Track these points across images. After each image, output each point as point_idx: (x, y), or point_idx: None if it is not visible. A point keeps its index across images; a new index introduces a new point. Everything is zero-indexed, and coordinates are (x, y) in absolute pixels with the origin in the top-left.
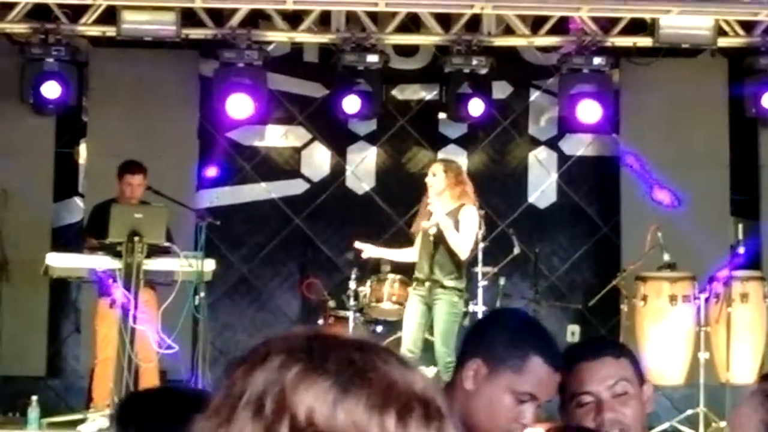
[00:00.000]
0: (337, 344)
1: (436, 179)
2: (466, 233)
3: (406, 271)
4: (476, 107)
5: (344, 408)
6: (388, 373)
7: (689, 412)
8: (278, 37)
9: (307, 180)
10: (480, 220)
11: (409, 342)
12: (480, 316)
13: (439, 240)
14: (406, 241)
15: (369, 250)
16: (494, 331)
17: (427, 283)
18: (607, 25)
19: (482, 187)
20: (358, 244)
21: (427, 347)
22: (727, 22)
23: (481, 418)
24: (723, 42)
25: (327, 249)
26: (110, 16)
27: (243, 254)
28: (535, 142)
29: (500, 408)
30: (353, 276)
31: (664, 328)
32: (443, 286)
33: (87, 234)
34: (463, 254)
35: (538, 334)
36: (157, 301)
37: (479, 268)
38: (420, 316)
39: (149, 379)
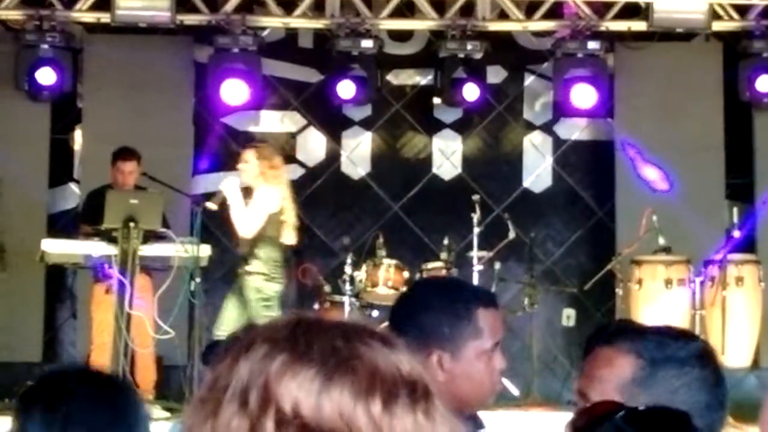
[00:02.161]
0: (321, 331)
1: (248, 166)
2: (250, 209)
3: (402, 256)
4: (471, 92)
5: (329, 397)
6: (372, 358)
7: None
8: (273, 22)
9: (303, 165)
10: (277, 197)
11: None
12: None
13: None
14: (403, 226)
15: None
16: (429, 316)
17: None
18: (601, 9)
19: (477, 172)
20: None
21: None
22: (722, 6)
23: (466, 394)
24: (717, 26)
25: (322, 234)
26: (105, 2)
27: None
28: (530, 127)
29: (480, 375)
30: (349, 261)
31: (659, 311)
32: (249, 272)
33: (82, 220)
34: (242, 230)
35: (465, 289)
36: (153, 286)
37: (474, 253)
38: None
39: (145, 365)
